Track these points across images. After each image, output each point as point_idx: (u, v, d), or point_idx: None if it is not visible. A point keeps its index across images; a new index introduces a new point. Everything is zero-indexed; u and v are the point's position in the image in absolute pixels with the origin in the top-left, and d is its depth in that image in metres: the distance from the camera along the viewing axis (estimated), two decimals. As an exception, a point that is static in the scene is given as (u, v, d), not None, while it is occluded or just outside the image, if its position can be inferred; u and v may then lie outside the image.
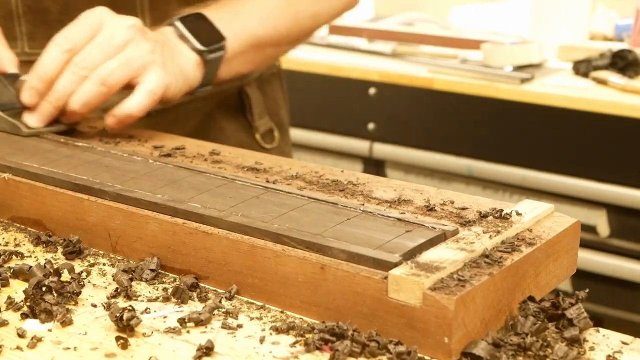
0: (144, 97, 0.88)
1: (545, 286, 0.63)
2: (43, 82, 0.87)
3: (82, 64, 0.87)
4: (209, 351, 0.54)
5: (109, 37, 0.88)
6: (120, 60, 0.88)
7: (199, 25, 0.97)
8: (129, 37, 0.89)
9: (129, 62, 0.88)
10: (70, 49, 0.87)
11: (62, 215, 0.73)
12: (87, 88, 0.87)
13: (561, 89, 2.02)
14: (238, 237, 0.63)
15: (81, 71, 0.87)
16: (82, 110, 0.88)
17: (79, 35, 0.88)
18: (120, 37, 0.88)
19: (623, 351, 0.56)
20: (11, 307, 0.60)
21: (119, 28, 0.89)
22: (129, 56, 0.88)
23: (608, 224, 1.99)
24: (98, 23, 0.89)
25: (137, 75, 0.89)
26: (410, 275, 0.54)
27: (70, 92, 0.87)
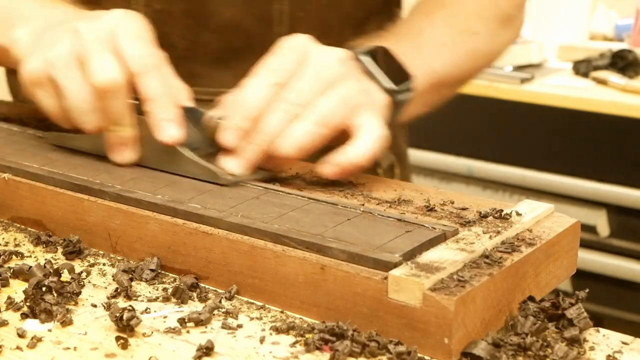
0: (372, 143, 0.74)
1: (545, 286, 0.63)
2: (249, 120, 0.73)
3: (296, 101, 0.73)
4: (209, 351, 0.54)
5: (320, 71, 0.75)
6: (338, 97, 0.74)
7: (385, 61, 0.83)
8: (340, 72, 0.76)
9: (347, 101, 0.74)
10: (278, 82, 0.74)
11: (62, 215, 0.73)
12: (303, 128, 0.72)
13: (561, 89, 2.03)
14: (238, 237, 0.63)
15: (294, 109, 0.73)
16: (294, 155, 0.73)
17: (287, 67, 0.75)
18: (331, 71, 0.75)
19: (623, 351, 0.56)
20: (11, 307, 0.60)
21: (329, 60, 0.76)
22: (345, 93, 0.74)
23: (608, 224, 2.00)
24: (304, 53, 0.75)
25: (352, 117, 0.74)
26: (410, 276, 0.54)
27: (280, 133, 0.73)
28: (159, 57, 0.76)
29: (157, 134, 0.74)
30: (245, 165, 0.74)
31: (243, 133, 0.73)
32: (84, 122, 0.76)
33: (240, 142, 0.73)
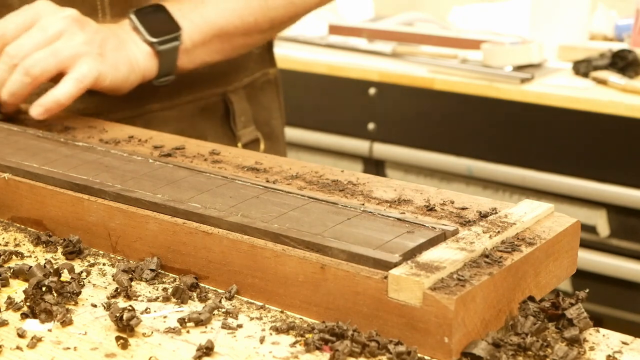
0: (70, 85, 0.90)
1: (545, 286, 0.63)
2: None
3: (12, 53, 0.90)
4: (209, 351, 0.54)
5: (43, 28, 0.90)
6: (48, 50, 0.90)
7: (155, 17, 0.99)
8: (63, 28, 0.91)
9: (57, 53, 0.90)
10: (1, 35, 0.90)
11: (62, 215, 0.73)
12: (13, 78, 0.90)
13: (561, 89, 2.02)
14: (238, 237, 0.63)
15: (11, 60, 0.90)
16: (11, 100, 0.91)
17: (14, 25, 0.91)
18: (53, 28, 0.90)
19: (623, 351, 0.56)
20: (11, 307, 0.60)
21: (54, 19, 0.91)
22: (58, 47, 0.90)
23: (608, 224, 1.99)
24: (35, 14, 0.91)
25: (66, 67, 0.90)
26: (410, 275, 0.54)
27: (1, 81, 0.90)
28: None
29: None
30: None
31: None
32: None
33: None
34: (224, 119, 1.18)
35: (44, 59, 0.89)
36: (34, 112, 0.91)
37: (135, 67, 0.97)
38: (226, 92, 1.18)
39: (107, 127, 0.93)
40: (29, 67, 0.89)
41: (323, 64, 2.29)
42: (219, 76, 1.15)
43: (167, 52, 0.99)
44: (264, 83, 1.25)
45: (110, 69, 0.94)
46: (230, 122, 1.18)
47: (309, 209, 0.66)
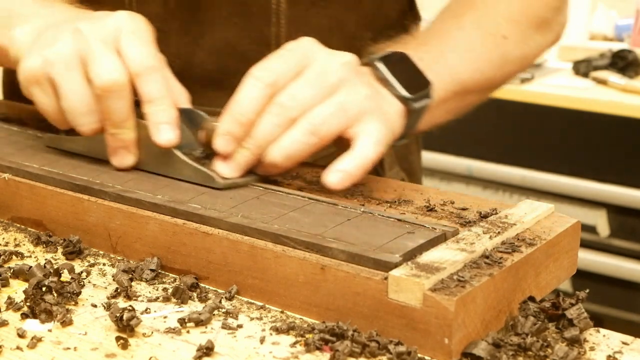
0: (370, 150, 0.71)
1: (546, 286, 0.63)
2: (241, 125, 0.71)
3: (288, 105, 0.71)
4: (209, 351, 0.54)
5: (320, 76, 0.72)
6: (334, 106, 0.71)
7: (402, 68, 0.80)
8: (344, 78, 0.73)
9: (346, 109, 0.71)
10: (272, 83, 0.71)
11: (62, 215, 0.73)
12: (294, 137, 0.70)
13: (561, 89, 2.03)
14: (238, 237, 0.63)
15: (287, 113, 0.71)
16: (284, 164, 0.72)
17: (284, 69, 0.72)
18: (333, 75, 0.72)
19: (623, 351, 0.56)
20: (11, 307, 0.60)
21: (332, 65, 0.73)
22: (344, 101, 0.72)
23: (608, 224, 2.00)
24: (306, 56, 0.73)
25: (351, 126, 0.72)
26: (410, 276, 0.54)
27: (273, 138, 0.71)
28: (159, 59, 0.75)
29: (154, 137, 0.73)
30: (237, 169, 0.72)
31: (234, 139, 0.72)
32: (81, 124, 0.75)
33: (232, 147, 0.72)
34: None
35: (331, 116, 0.71)
36: (332, 178, 0.70)
37: (394, 128, 0.78)
38: None
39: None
40: (316, 124, 0.70)
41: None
42: None
43: (418, 111, 0.80)
44: None
45: (390, 131, 0.76)
46: (377, 166, 1.02)
47: (309, 209, 0.66)
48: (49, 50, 0.74)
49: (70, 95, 0.73)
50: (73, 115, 0.74)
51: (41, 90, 0.75)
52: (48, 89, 0.75)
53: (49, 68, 0.74)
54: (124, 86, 0.72)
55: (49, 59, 0.74)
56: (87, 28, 0.74)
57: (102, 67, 0.72)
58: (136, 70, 0.73)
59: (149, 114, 0.73)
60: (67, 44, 0.74)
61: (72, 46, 0.73)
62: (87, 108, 0.73)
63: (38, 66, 0.74)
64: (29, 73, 0.75)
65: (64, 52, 0.73)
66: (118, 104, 0.72)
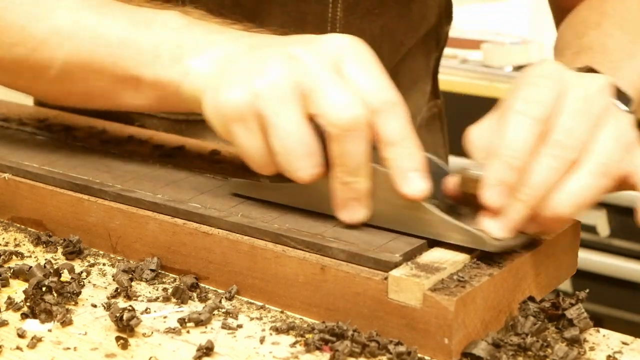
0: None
1: (546, 286, 0.63)
2: (514, 171, 0.58)
3: (568, 143, 0.59)
4: (209, 351, 0.54)
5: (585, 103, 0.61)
6: (614, 138, 0.60)
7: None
8: (606, 105, 0.62)
9: (622, 142, 0.60)
10: (542, 118, 0.59)
11: (62, 215, 0.73)
12: (582, 181, 0.59)
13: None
14: (238, 237, 0.63)
15: (568, 154, 0.59)
16: (570, 214, 0.60)
17: (547, 100, 0.60)
18: (597, 103, 0.61)
19: (623, 351, 0.56)
20: (11, 307, 0.60)
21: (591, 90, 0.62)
22: (618, 132, 0.61)
23: (608, 224, 1.99)
24: (561, 82, 0.62)
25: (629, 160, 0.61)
26: (410, 276, 0.54)
27: (552, 186, 0.59)
28: (396, 93, 0.62)
29: (400, 186, 0.60)
30: (511, 226, 0.59)
31: (508, 187, 0.58)
32: (298, 169, 0.62)
33: (506, 198, 0.59)
34: None
35: (617, 152, 0.60)
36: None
37: None
38: None
39: (107, 127, 0.93)
40: (605, 164, 0.59)
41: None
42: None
43: None
44: (430, 118, 1.07)
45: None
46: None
47: (309, 209, 0.66)
48: (257, 81, 0.62)
49: (287, 134, 0.61)
50: (288, 158, 0.61)
51: (246, 129, 0.63)
52: (256, 127, 0.62)
53: (259, 102, 0.61)
54: (363, 125, 0.60)
55: (259, 92, 0.61)
56: (304, 54, 0.62)
57: (338, 102, 0.60)
58: (374, 105, 0.60)
59: (392, 159, 0.61)
60: (281, 73, 0.61)
61: (289, 76, 0.61)
62: (307, 150, 0.61)
63: (245, 101, 0.62)
64: (233, 108, 0.62)
65: (280, 84, 0.61)
66: (357, 146, 0.60)
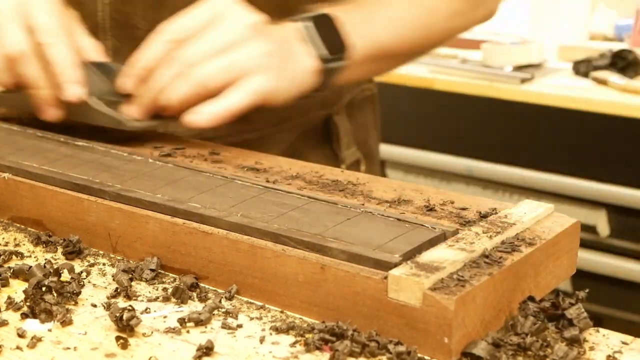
0: (244, 96, 0.81)
1: (545, 286, 0.63)
2: (143, 70, 0.83)
3: (180, 60, 0.81)
4: (209, 351, 0.54)
5: (221, 35, 0.81)
6: (228, 61, 0.81)
7: (328, 30, 0.88)
8: (245, 36, 0.82)
9: (236, 65, 0.81)
10: (174, 40, 0.82)
11: (62, 215, 0.73)
12: (181, 87, 0.81)
13: (561, 89, 2.03)
14: (238, 237, 0.63)
15: (178, 67, 0.81)
16: (177, 107, 0.82)
17: (190, 27, 0.82)
18: (232, 35, 0.81)
19: (623, 351, 0.56)
20: (11, 307, 0.60)
21: (236, 25, 0.82)
22: (239, 58, 0.81)
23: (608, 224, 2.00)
24: (217, 15, 0.82)
25: (240, 78, 0.81)
26: (410, 276, 0.54)
27: (164, 87, 0.82)
28: (65, 25, 0.85)
29: (61, 94, 0.84)
30: (140, 110, 0.84)
31: (137, 81, 0.83)
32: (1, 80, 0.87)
33: (134, 88, 0.84)
34: (325, 140, 1.10)
35: (221, 70, 0.81)
36: (194, 117, 0.82)
37: (299, 82, 0.87)
38: (331, 114, 1.10)
39: (107, 127, 0.93)
40: (201, 79, 0.81)
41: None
42: (328, 98, 1.06)
43: (332, 70, 0.89)
44: (362, 100, 1.17)
45: (286, 84, 0.85)
46: (333, 144, 1.10)
47: (309, 209, 0.66)
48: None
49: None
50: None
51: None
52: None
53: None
54: (28, 54, 0.84)
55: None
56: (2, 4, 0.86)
57: (6, 38, 0.84)
58: (41, 39, 0.84)
59: (54, 74, 0.84)
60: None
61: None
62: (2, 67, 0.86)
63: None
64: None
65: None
66: (27, 68, 0.85)
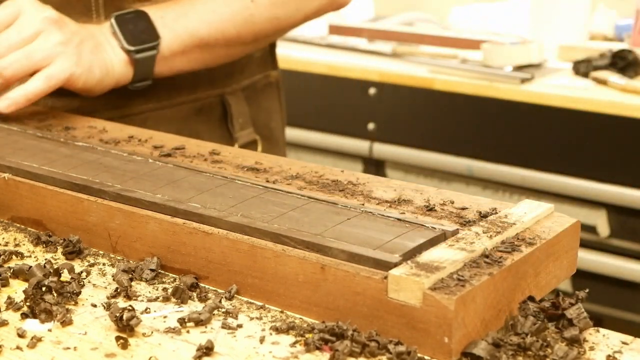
0: (40, 82, 0.93)
1: (545, 286, 0.63)
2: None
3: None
4: (209, 351, 0.54)
5: (20, 29, 0.93)
6: (22, 52, 0.92)
7: (135, 24, 1.00)
8: (40, 29, 0.93)
9: (31, 55, 0.92)
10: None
11: (62, 215, 0.73)
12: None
13: (561, 89, 2.02)
14: (238, 237, 0.63)
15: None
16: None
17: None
18: (30, 28, 0.93)
19: (623, 351, 0.56)
20: (11, 307, 0.60)
21: (32, 19, 0.93)
22: (33, 49, 0.93)
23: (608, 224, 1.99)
24: (16, 13, 0.94)
25: (40, 67, 0.93)
26: (410, 275, 0.54)
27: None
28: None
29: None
30: None
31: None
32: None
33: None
34: (222, 120, 1.18)
35: (17, 61, 0.92)
36: (1, 104, 0.93)
37: (110, 72, 0.99)
38: (224, 94, 1.18)
39: (107, 127, 0.93)
40: (1, 69, 0.92)
41: (323, 64, 2.29)
42: (217, 78, 1.16)
43: (143, 60, 1.00)
44: (265, 85, 1.25)
45: (84, 70, 0.95)
46: (228, 124, 1.18)
47: (309, 209, 0.66)
48: None
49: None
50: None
51: None
52: None
53: None
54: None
55: None
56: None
57: None
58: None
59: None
60: None
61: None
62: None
63: None
64: None
65: None
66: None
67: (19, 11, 0.94)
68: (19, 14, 0.94)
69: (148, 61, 1.01)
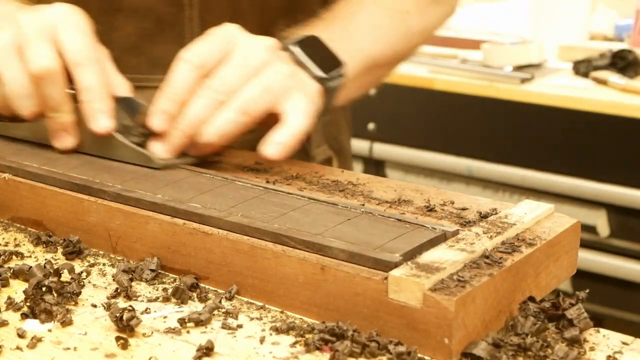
0: (302, 118, 0.78)
1: (546, 286, 0.63)
2: (174, 104, 0.77)
3: (219, 88, 0.76)
4: (209, 351, 0.54)
5: (245, 58, 0.78)
6: (260, 86, 0.77)
7: (315, 50, 0.85)
8: (266, 59, 0.79)
9: (270, 88, 0.77)
10: (201, 65, 0.77)
11: (62, 215, 0.73)
12: (225, 116, 0.76)
13: (561, 89, 2.02)
14: (238, 237, 0.63)
15: (218, 96, 0.76)
16: (217, 142, 0.77)
17: (211, 52, 0.78)
18: (257, 58, 0.78)
19: (623, 351, 0.56)
20: (11, 307, 0.60)
21: (255, 48, 0.79)
22: (269, 81, 0.78)
23: (608, 224, 2.00)
24: (230, 41, 0.79)
25: (279, 102, 0.78)
26: (410, 276, 0.54)
27: (204, 119, 0.76)
28: (97, 51, 0.80)
29: (89, 123, 0.78)
30: (171, 149, 0.78)
31: (168, 117, 0.77)
32: (20, 107, 0.79)
33: (167, 126, 0.77)
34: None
35: (260, 95, 0.77)
36: (270, 150, 0.76)
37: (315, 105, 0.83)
38: None
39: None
40: (245, 104, 0.76)
41: (323, 64, 2.29)
42: None
43: (333, 89, 0.85)
44: None
45: (314, 104, 0.82)
46: (305, 144, 1.05)
47: (309, 209, 0.66)
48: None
49: (9, 81, 0.78)
50: (13, 100, 0.79)
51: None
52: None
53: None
54: (55, 73, 0.77)
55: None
56: (25, 20, 0.79)
57: (34, 55, 0.77)
58: (72, 59, 0.77)
59: (83, 101, 0.78)
60: (6, 35, 0.79)
61: (11, 37, 0.78)
62: (25, 92, 0.78)
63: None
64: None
65: (3, 43, 0.78)
66: (51, 89, 0.77)
67: (232, 40, 0.79)
68: (233, 43, 0.79)
69: (336, 90, 0.86)
